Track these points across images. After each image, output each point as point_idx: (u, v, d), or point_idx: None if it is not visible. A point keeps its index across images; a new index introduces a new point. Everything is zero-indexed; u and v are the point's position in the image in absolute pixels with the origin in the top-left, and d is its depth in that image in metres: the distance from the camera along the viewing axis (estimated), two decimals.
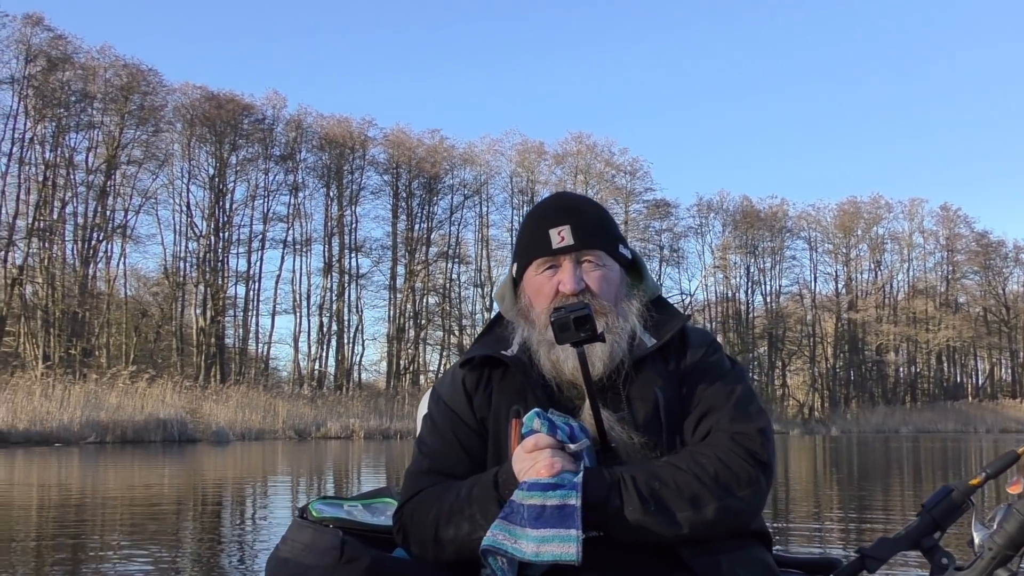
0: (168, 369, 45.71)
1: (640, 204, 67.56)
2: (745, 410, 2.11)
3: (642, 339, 2.18)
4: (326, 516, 2.20)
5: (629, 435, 2.08)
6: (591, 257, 2.18)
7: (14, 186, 47.60)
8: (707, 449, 2.04)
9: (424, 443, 2.28)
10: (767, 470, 2.06)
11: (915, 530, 2.08)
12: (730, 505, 1.99)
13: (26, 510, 11.47)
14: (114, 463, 20.61)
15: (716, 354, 2.21)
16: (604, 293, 2.16)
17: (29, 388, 30.47)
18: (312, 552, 2.08)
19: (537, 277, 2.20)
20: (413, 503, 2.14)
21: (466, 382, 2.25)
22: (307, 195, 58.84)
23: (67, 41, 48.97)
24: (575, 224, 2.18)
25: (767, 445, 2.07)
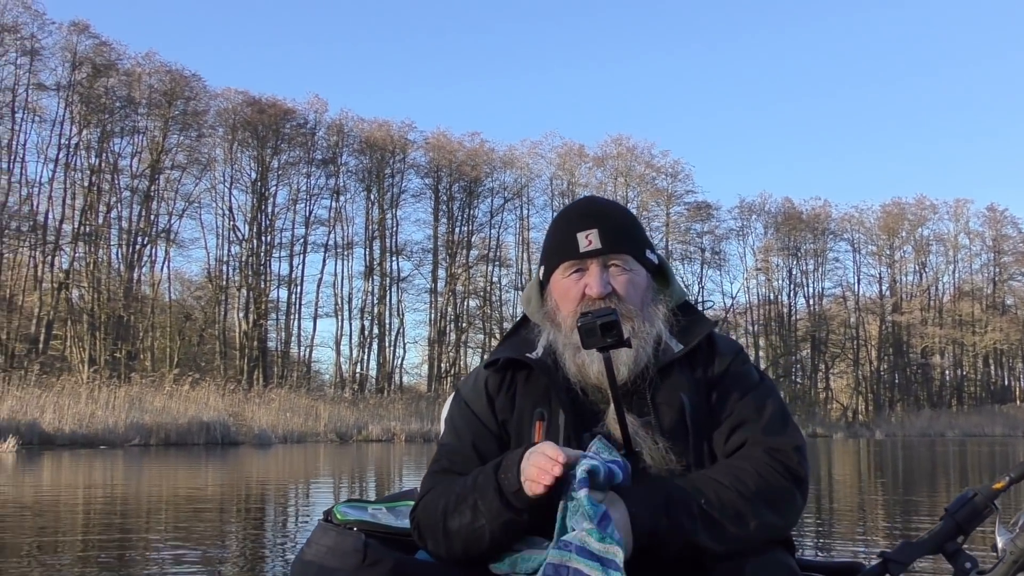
0: (211, 372, 46.05)
1: (681, 206, 67.35)
2: (781, 425, 2.13)
3: (668, 344, 2.18)
4: (350, 519, 2.21)
5: (654, 440, 2.08)
6: (618, 261, 2.18)
7: (60, 191, 48.28)
8: (746, 464, 2.05)
9: (443, 444, 2.30)
10: (803, 486, 2.08)
11: (938, 534, 2.09)
12: (769, 522, 2.01)
13: (73, 510, 11.57)
14: (158, 465, 20.77)
15: (745, 364, 2.22)
16: (630, 297, 2.17)
17: (75, 391, 30.80)
18: (336, 555, 2.10)
19: (564, 280, 2.21)
20: (424, 500, 2.16)
21: (489, 384, 2.26)
22: (348, 199, 59.24)
23: (112, 48, 49.63)
24: (603, 228, 2.18)
25: (803, 462, 2.09)
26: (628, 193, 65.35)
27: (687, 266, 68.34)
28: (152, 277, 52.55)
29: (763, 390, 2.19)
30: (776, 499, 2.02)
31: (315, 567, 2.11)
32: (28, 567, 7.26)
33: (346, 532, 2.15)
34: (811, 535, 8.55)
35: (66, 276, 47.81)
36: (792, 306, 71.08)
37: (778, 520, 2.03)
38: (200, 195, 54.00)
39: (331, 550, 2.12)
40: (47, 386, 30.34)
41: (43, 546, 8.62)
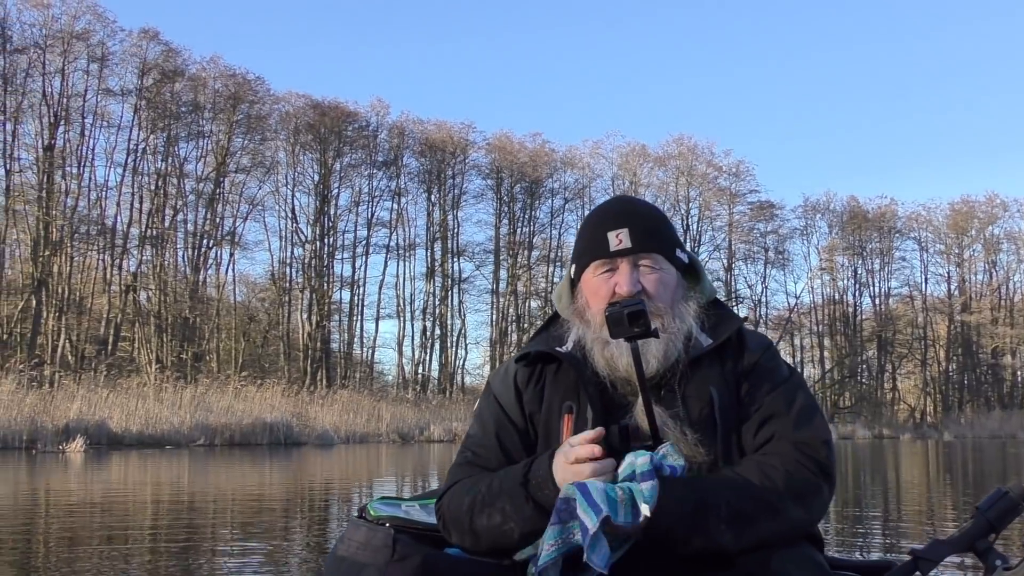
0: (275, 373, 46.53)
1: (744, 205, 66.77)
2: (809, 420, 2.16)
3: (698, 339, 2.22)
4: (382, 515, 2.27)
5: (682, 431, 2.11)
6: (648, 260, 2.23)
7: (128, 195, 49.10)
8: (774, 459, 2.08)
9: (470, 436, 2.35)
10: (830, 480, 2.11)
11: (969, 532, 2.07)
12: (797, 516, 2.04)
13: (141, 507, 11.75)
14: (223, 465, 21.01)
15: (774, 358, 2.25)
16: (660, 295, 2.21)
17: (142, 392, 31.27)
18: (366, 550, 2.15)
19: (594, 279, 2.25)
20: (449, 493, 2.21)
21: (518, 377, 2.30)
22: (409, 200, 59.53)
23: (179, 53, 50.40)
24: (633, 227, 2.23)
25: (831, 456, 2.12)
26: (690, 193, 65.00)
27: (750, 266, 67.83)
28: (217, 279, 53.27)
29: (792, 385, 2.21)
30: (803, 493, 2.05)
31: (347, 562, 2.17)
32: (99, 560, 7.38)
33: (377, 528, 2.20)
34: (877, 535, 8.41)
35: (134, 279, 48.60)
36: (857, 306, 70.16)
37: (805, 515, 2.07)
38: (264, 198, 54.74)
39: (362, 545, 2.17)
40: (116, 387, 30.84)
41: (113, 538, 8.76)
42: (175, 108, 50.27)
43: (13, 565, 7.04)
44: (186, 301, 49.46)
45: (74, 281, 46.54)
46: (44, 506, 11.81)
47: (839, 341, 69.40)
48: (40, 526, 9.72)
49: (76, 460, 21.17)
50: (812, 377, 69.12)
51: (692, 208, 65.45)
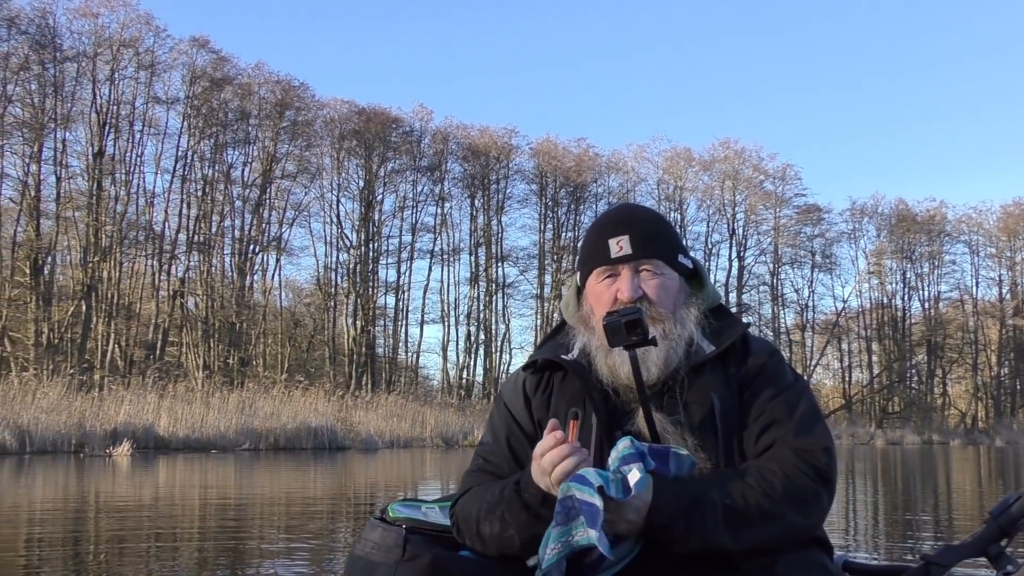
0: (320, 378, 46.76)
1: (790, 209, 66.30)
2: (811, 426, 2.18)
3: (700, 345, 2.24)
4: (400, 516, 2.33)
5: (683, 437, 2.14)
6: (649, 266, 2.26)
7: (176, 201, 49.61)
8: (773, 465, 2.10)
9: (482, 443, 2.41)
10: (829, 487, 2.13)
11: (981, 537, 2.08)
12: (795, 522, 2.06)
13: (189, 510, 11.83)
14: (268, 468, 21.13)
15: (779, 364, 2.27)
16: (661, 301, 2.24)
17: (189, 397, 31.54)
18: (380, 550, 2.21)
19: (597, 285, 2.29)
20: (462, 500, 2.27)
21: (527, 385, 2.35)
22: (454, 205, 59.67)
23: (227, 61, 50.84)
24: (633, 234, 2.26)
25: (831, 463, 2.14)
26: (736, 197, 64.64)
27: (797, 270, 67.30)
28: (264, 285, 53.66)
29: (795, 391, 2.23)
30: (802, 500, 2.07)
31: (362, 561, 2.22)
32: (147, 559, 7.44)
33: (390, 528, 2.26)
34: (929, 538, 8.27)
35: (181, 284, 49.07)
36: (906, 310, 69.32)
37: (803, 521, 2.08)
38: (309, 204, 55.09)
39: (376, 546, 2.22)
40: (163, 392, 31.14)
41: (161, 538, 8.81)
42: (223, 115, 50.72)
43: (65, 565, 7.12)
44: (233, 307, 49.87)
45: (123, 287, 47.07)
46: (93, 508, 11.92)
47: (888, 346, 68.63)
48: (90, 527, 9.83)
49: (123, 464, 21.37)
50: (860, 382, 68.44)
51: (738, 212, 65.14)
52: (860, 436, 55.06)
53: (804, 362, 67.08)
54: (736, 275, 64.82)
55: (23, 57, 43.77)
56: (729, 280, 64.43)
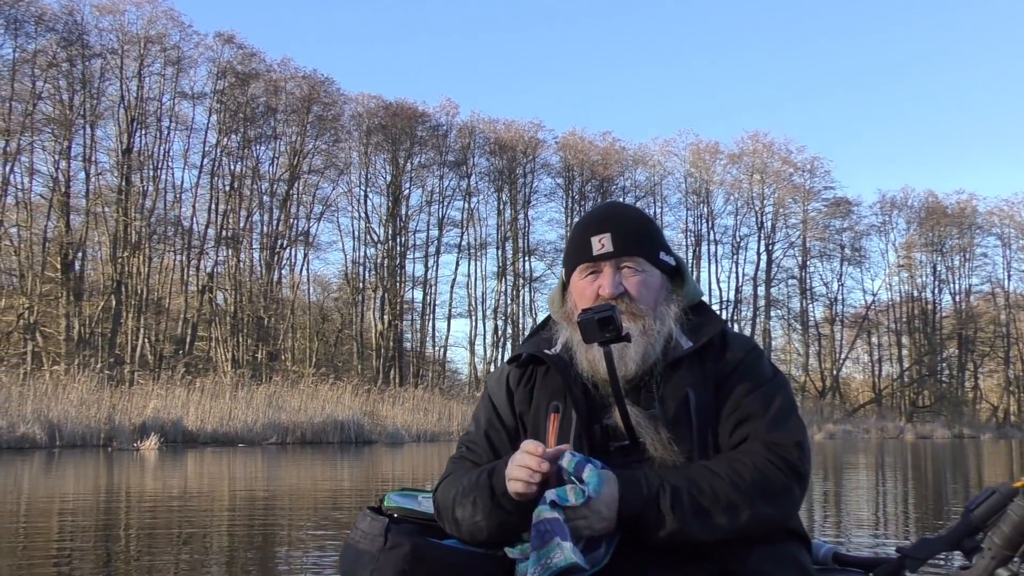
0: (348, 372, 46.89)
1: (819, 203, 66.00)
2: (784, 421, 2.21)
3: (679, 341, 2.29)
4: (393, 505, 2.41)
5: (657, 431, 2.18)
6: (630, 263, 2.32)
7: (204, 197, 49.86)
8: (744, 457, 2.14)
9: (465, 433, 2.50)
10: (801, 480, 2.17)
11: (956, 531, 2.10)
12: (764, 513, 2.10)
13: (218, 502, 11.88)
14: (295, 462, 21.21)
15: (757, 360, 2.30)
16: (642, 297, 2.30)
17: (217, 391, 31.68)
18: (366, 539, 2.28)
19: (580, 282, 2.36)
20: (442, 486, 2.35)
21: (510, 378, 2.42)
22: (480, 200, 59.66)
23: (254, 56, 51.02)
24: (615, 232, 2.32)
25: (803, 456, 2.17)
26: (764, 190, 64.30)
27: (826, 263, 66.93)
28: (292, 279, 53.84)
29: (772, 386, 2.26)
30: (772, 491, 2.11)
31: (352, 550, 2.31)
32: (178, 548, 7.48)
33: (377, 518, 2.32)
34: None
35: (209, 279, 49.31)
36: (937, 303, 68.77)
37: (774, 512, 2.12)
38: (337, 198, 55.24)
39: (364, 534, 2.30)
40: (192, 386, 31.29)
41: (192, 529, 8.84)
42: (249, 110, 50.92)
43: (97, 554, 7.16)
44: (260, 301, 50.07)
45: (152, 282, 47.35)
46: (124, 500, 12.00)
47: (918, 339, 68.12)
48: (121, 518, 9.90)
49: (150, 457, 21.50)
50: (891, 376, 67.97)
51: (766, 206, 64.81)
52: (889, 430, 54.73)
53: (833, 356, 66.72)
54: (764, 269, 64.56)
55: (51, 55, 44.10)
56: (757, 274, 64.21)
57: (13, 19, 42.98)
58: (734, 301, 63.81)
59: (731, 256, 64.43)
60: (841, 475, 19.14)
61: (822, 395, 64.12)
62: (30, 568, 6.76)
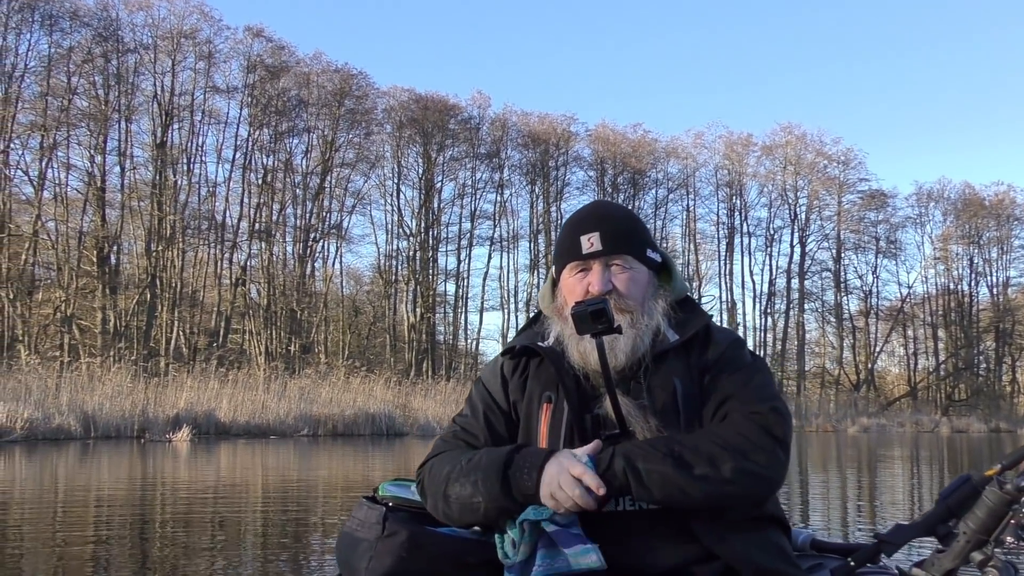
0: (380, 365, 47.04)
1: (854, 195, 65.35)
2: (761, 393, 2.29)
3: (665, 335, 2.38)
4: (388, 495, 2.47)
5: (646, 419, 2.27)
6: (619, 261, 2.40)
7: (237, 190, 50.13)
8: (725, 423, 2.24)
9: (459, 415, 2.56)
10: (782, 444, 2.23)
11: (931, 517, 2.16)
12: (746, 467, 2.16)
13: (252, 492, 11.95)
14: (327, 454, 21.30)
15: (739, 350, 2.39)
16: (630, 293, 2.38)
17: (250, 383, 31.88)
18: (363, 527, 2.36)
19: (570, 279, 2.43)
20: (432, 461, 2.43)
21: (504, 368, 2.51)
22: (513, 192, 59.60)
23: (284, 50, 51.23)
24: (604, 231, 2.40)
25: (780, 421, 2.25)
26: (798, 182, 63.86)
27: (860, 256, 66.34)
28: (325, 272, 54.05)
29: (751, 369, 2.35)
30: (752, 449, 2.17)
31: (349, 538, 2.38)
32: (212, 538, 7.52)
33: (374, 507, 2.39)
34: None
35: (243, 272, 49.59)
36: (974, 296, 67.97)
37: (754, 467, 2.17)
38: (369, 191, 55.39)
39: (361, 523, 2.37)
40: (225, 379, 31.49)
41: (225, 516, 8.89)
42: (281, 104, 51.13)
43: (134, 546, 7.21)
44: (293, 294, 50.31)
45: (186, 275, 47.69)
46: (158, 490, 12.09)
47: (954, 332, 67.45)
48: (155, 508, 9.97)
49: (182, 449, 21.66)
50: (926, 369, 67.34)
51: (800, 198, 64.35)
52: (924, 424, 54.28)
53: (868, 349, 66.21)
54: (798, 261, 64.11)
55: (86, 50, 44.47)
56: (791, 266, 63.77)
57: (48, 15, 43.40)
58: (767, 294, 63.50)
59: (764, 249, 64.08)
60: (876, 468, 18.99)
61: (856, 388, 63.66)
62: (69, 555, 6.84)
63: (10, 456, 18.25)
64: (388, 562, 2.27)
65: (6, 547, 7.32)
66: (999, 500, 2.00)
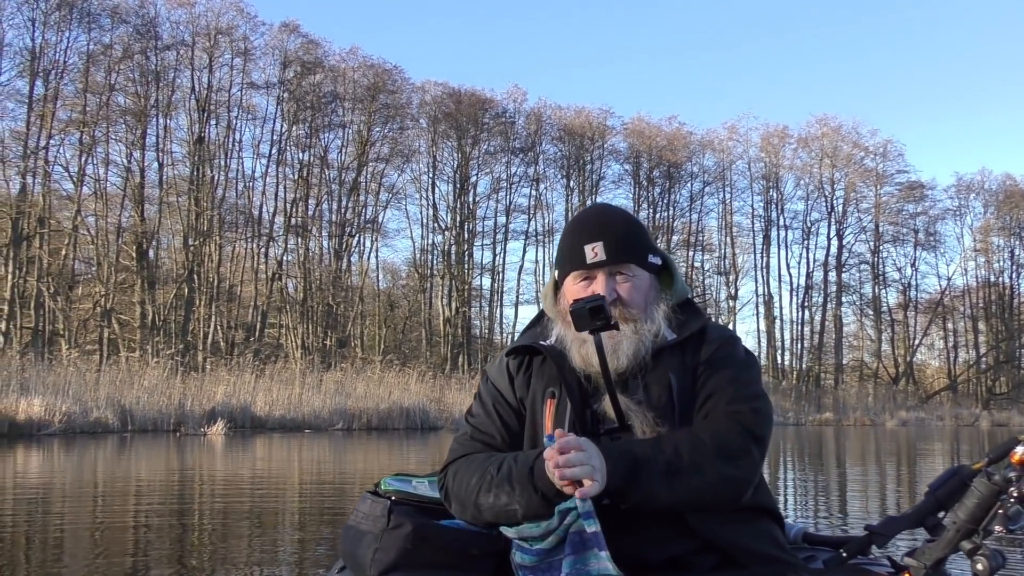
0: (415, 360, 47.16)
1: (892, 186, 64.76)
2: (743, 391, 2.39)
3: (664, 335, 2.46)
4: (390, 489, 2.58)
5: (644, 414, 2.36)
6: (622, 269, 2.47)
7: (273, 185, 50.43)
8: (706, 424, 2.34)
9: (471, 414, 2.64)
10: (759, 443, 2.34)
11: (920, 510, 2.21)
12: (726, 473, 2.26)
13: (290, 485, 12.02)
14: (362, 447, 21.39)
15: (732, 347, 2.48)
16: (634, 301, 2.46)
17: (285, 377, 32.07)
18: (368, 520, 2.47)
19: (574, 286, 2.50)
20: (455, 465, 2.49)
21: (510, 366, 2.60)
22: (548, 186, 59.51)
23: (318, 45, 51.45)
24: (607, 240, 2.46)
25: (759, 420, 2.36)
26: (834, 174, 63.34)
27: (899, 248, 65.73)
28: (361, 267, 54.24)
29: (739, 367, 2.45)
30: (730, 452, 2.27)
31: (353, 530, 2.49)
32: (251, 529, 7.58)
33: (378, 500, 2.52)
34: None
35: (279, 267, 49.88)
36: (1015, 288, 67.16)
37: (734, 472, 2.28)
38: (404, 186, 55.52)
39: (365, 516, 2.49)
40: (262, 373, 31.70)
41: (264, 505, 8.95)
42: (316, 99, 51.36)
43: (173, 539, 7.28)
44: (329, 289, 50.53)
45: (223, 270, 48.02)
46: (196, 482, 12.18)
47: (995, 325, 66.71)
48: (194, 501, 10.04)
49: (216, 442, 21.83)
50: (967, 362, 66.66)
51: (837, 190, 63.84)
52: (964, 418, 53.79)
53: (907, 343, 65.63)
54: (835, 254, 63.64)
55: (125, 47, 44.86)
56: (828, 259, 63.31)
57: (87, 12, 43.80)
58: (804, 287, 63.06)
59: (801, 242, 63.61)
60: (916, 461, 18.82)
61: (895, 382, 63.13)
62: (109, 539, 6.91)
63: (48, 449, 18.47)
64: (393, 554, 2.36)
65: (49, 534, 7.47)
66: (988, 491, 2.05)
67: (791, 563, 2.37)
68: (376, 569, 2.38)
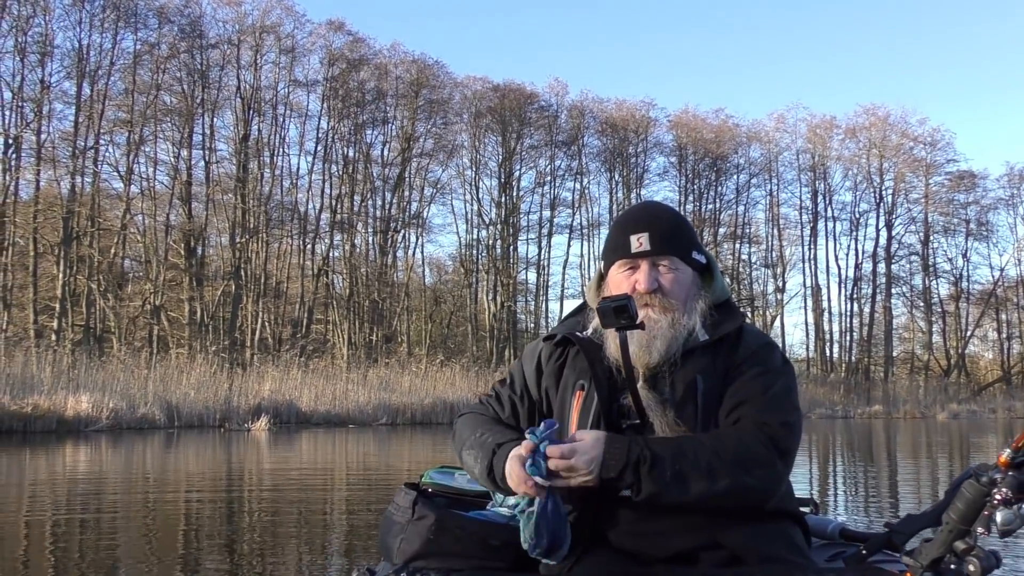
0: (460, 355, 47.24)
1: (942, 176, 63.73)
2: (777, 404, 2.39)
3: (697, 335, 2.48)
4: (430, 481, 2.78)
5: (664, 413, 2.39)
6: (666, 261, 2.52)
7: (318, 182, 50.69)
8: (732, 432, 2.34)
9: (500, 382, 2.75)
10: (785, 457, 2.35)
11: (939, 508, 2.18)
12: (744, 483, 2.27)
13: (336, 479, 12.05)
14: (407, 442, 21.45)
15: (768, 352, 2.50)
16: (675, 293, 2.49)
17: (331, 373, 32.23)
18: (399, 511, 2.62)
19: (618, 275, 2.56)
20: (462, 420, 2.68)
21: (543, 354, 2.65)
22: (591, 180, 59.32)
23: (364, 42, 51.63)
24: (653, 232, 2.51)
25: (789, 436, 2.37)
26: (883, 165, 62.57)
27: (950, 239, 64.75)
28: (406, 262, 54.41)
29: (773, 374, 2.45)
30: (752, 462, 2.28)
31: (388, 521, 2.65)
32: (299, 524, 7.60)
33: (409, 492, 2.67)
34: None
35: (325, 263, 50.16)
36: None
37: (754, 483, 2.29)
38: (448, 181, 55.60)
39: (398, 507, 2.64)
40: (308, 369, 31.88)
41: (312, 499, 8.97)
42: (360, 96, 51.55)
43: (222, 527, 7.32)
44: (375, 284, 50.74)
45: (270, 266, 48.35)
46: (245, 477, 12.26)
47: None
48: (243, 495, 10.10)
49: (260, 437, 21.98)
50: (1022, 353, 65.63)
51: (886, 181, 63.06)
52: (1018, 410, 52.93)
53: (958, 334, 64.75)
54: (884, 245, 62.86)
55: (171, 46, 45.30)
56: (877, 251, 62.54)
57: (134, 13, 44.25)
58: (853, 279, 62.40)
59: (850, 233, 62.86)
60: (969, 455, 18.55)
61: (946, 374, 62.30)
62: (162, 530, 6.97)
63: (96, 445, 18.67)
64: (417, 543, 2.52)
65: (102, 527, 7.54)
66: (976, 492, 2.03)
67: (798, 563, 2.38)
68: (401, 557, 2.54)
